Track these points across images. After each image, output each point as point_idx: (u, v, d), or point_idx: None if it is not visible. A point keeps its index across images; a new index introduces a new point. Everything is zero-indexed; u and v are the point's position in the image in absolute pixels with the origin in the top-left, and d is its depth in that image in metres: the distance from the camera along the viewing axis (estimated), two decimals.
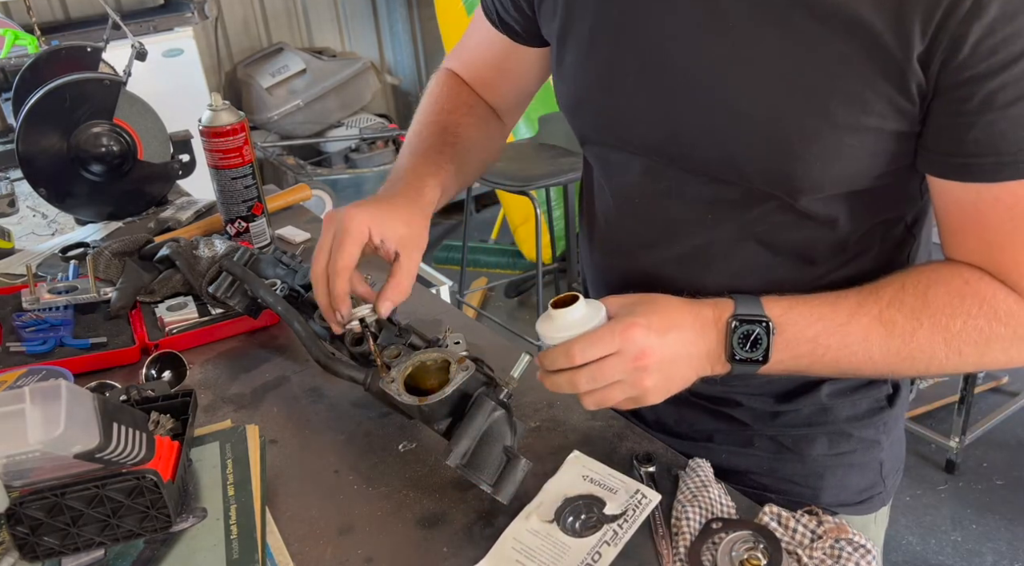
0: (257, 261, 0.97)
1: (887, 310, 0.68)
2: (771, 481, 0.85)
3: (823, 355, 0.68)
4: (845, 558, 0.63)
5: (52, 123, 1.28)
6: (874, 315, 0.68)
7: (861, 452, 0.85)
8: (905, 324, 0.67)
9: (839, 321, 0.68)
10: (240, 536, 0.71)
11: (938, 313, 0.67)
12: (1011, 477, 2.20)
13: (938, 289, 0.68)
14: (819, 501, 0.84)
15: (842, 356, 0.68)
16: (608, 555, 0.67)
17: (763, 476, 0.86)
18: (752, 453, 0.86)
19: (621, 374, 0.66)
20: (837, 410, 0.83)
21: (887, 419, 0.85)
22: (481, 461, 0.70)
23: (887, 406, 0.85)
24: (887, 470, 0.87)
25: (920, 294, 0.68)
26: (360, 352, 0.82)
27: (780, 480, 0.85)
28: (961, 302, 0.67)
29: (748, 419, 0.85)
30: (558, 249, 3.19)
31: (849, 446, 0.84)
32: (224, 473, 0.78)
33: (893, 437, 0.87)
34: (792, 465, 0.85)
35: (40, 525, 0.66)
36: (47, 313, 1.05)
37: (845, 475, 0.85)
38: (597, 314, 0.69)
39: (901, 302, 0.68)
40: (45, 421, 0.59)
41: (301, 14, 3.89)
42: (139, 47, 1.30)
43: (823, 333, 0.68)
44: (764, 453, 0.85)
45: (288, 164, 3.60)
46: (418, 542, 0.71)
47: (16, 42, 1.99)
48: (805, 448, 0.84)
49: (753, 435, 0.85)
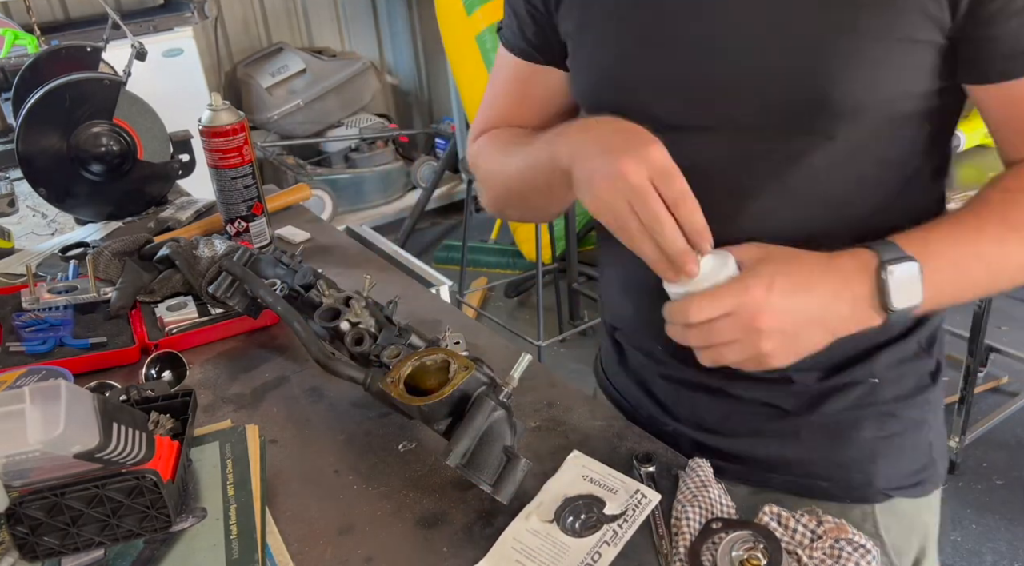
0: (257, 261, 0.97)
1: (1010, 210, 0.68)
2: (822, 470, 0.84)
3: (964, 275, 0.68)
4: (845, 558, 0.63)
5: (52, 123, 1.28)
6: (995, 222, 0.68)
7: (910, 433, 0.84)
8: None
9: (969, 239, 0.67)
10: (240, 536, 0.71)
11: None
12: (1011, 477, 2.20)
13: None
14: (873, 486, 0.83)
15: (980, 270, 0.68)
16: (608, 555, 0.67)
17: (813, 465, 0.84)
18: (800, 443, 0.84)
19: (736, 334, 0.64)
20: (883, 390, 0.82)
21: (931, 397, 0.84)
22: (481, 461, 0.70)
23: (931, 384, 0.84)
24: (936, 451, 0.86)
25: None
26: (360, 352, 0.82)
27: (831, 467, 0.84)
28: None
29: (791, 407, 0.83)
30: (558, 249, 3.19)
31: (898, 426, 0.83)
32: (224, 473, 0.78)
33: (939, 415, 0.86)
34: (842, 451, 0.83)
35: (40, 525, 0.66)
36: (47, 313, 1.05)
37: (897, 458, 0.84)
38: (723, 267, 0.66)
39: (1015, 201, 0.68)
40: (45, 421, 0.59)
41: (301, 14, 3.89)
42: (139, 47, 1.30)
43: (962, 258, 0.67)
44: (812, 442, 0.83)
45: (288, 164, 3.60)
46: (418, 542, 0.71)
47: (16, 42, 1.99)
48: (853, 432, 0.82)
49: (799, 425, 0.83)
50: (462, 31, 3.07)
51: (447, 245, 3.66)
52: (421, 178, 3.84)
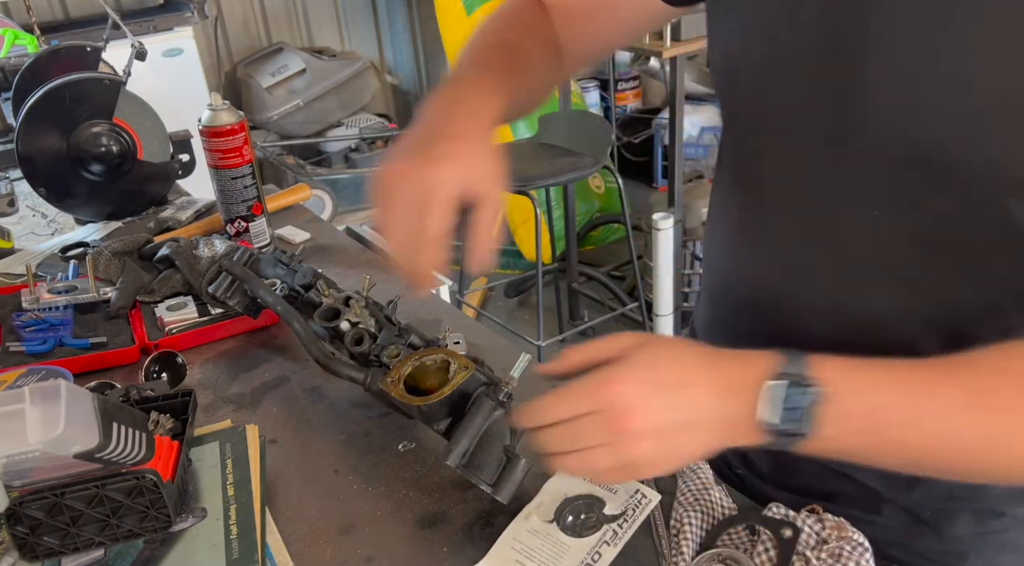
0: (257, 261, 0.97)
1: (984, 378, 0.53)
2: (902, 554, 0.72)
3: (885, 432, 0.54)
4: (846, 557, 0.63)
5: (52, 123, 1.28)
6: (964, 385, 0.53)
7: (1016, 531, 0.71)
8: (1009, 397, 0.52)
9: (912, 390, 0.53)
10: (240, 536, 0.71)
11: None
12: None
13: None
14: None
15: (911, 436, 0.53)
16: (608, 555, 0.67)
17: (892, 547, 0.71)
18: (881, 522, 0.73)
19: (602, 437, 0.55)
20: (988, 484, 0.69)
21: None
22: (481, 461, 0.70)
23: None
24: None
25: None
26: (360, 352, 0.82)
27: (913, 555, 0.72)
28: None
29: (879, 485, 0.72)
30: (558, 249, 3.19)
31: (1001, 525, 0.70)
32: (224, 473, 0.78)
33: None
34: (928, 542, 0.72)
35: (40, 525, 0.66)
36: (47, 313, 1.05)
37: (994, 557, 0.72)
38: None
39: (1005, 370, 0.53)
40: (45, 421, 0.59)
41: (301, 14, 3.89)
42: (139, 47, 1.30)
43: (889, 404, 0.53)
44: (895, 524, 0.72)
45: (288, 164, 3.60)
46: (418, 542, 0.71)
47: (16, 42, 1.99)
48: (945, 525, 0.71)
49: (883, 502, 0.72)
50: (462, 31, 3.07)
51: None
52: None
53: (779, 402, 0.53)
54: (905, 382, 0.54)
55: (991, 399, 0.52)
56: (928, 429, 0.52)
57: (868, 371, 0.54)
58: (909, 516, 0.72)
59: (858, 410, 0.53)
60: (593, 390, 0.56)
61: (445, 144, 0.65)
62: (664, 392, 0.55)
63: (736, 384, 0.55)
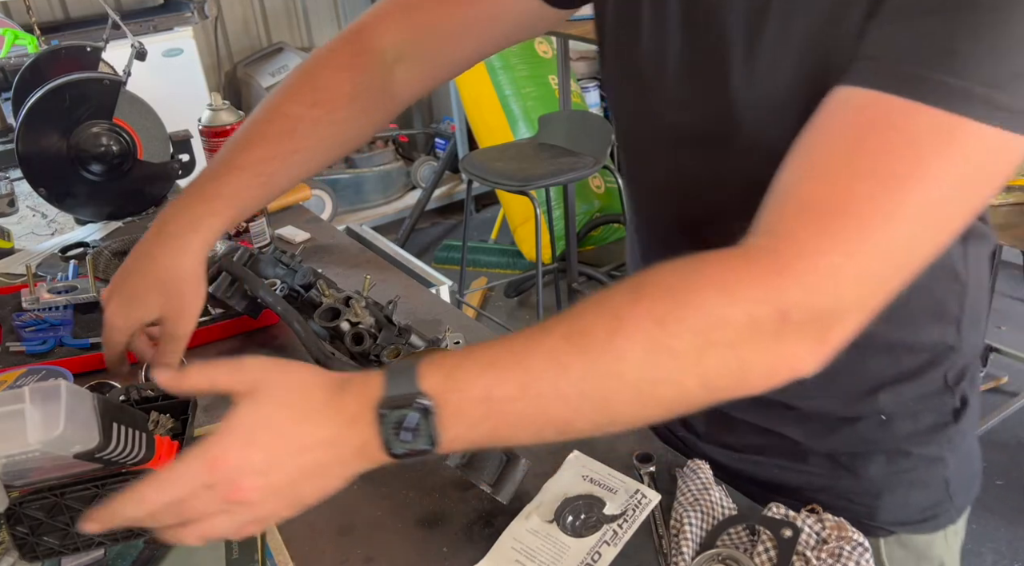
0: (257, 261, 0.97)
1: (580, 320, 0.52)
2: (826, 498, 0.77)
3: (505, 411, 0.52)
4: (846, 557, 0.63)
5: (52, 123, 1.28)
6: (562, 331, 0.52)
7: (923, 470, 0.78)
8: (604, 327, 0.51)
9: (515, 358, 0.52)
10: None
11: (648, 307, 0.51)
12: (1011, 477, 2.20)
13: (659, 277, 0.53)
14: (876, 519, 0.79)
15: (530, 407, 0.51)
16: (608, 555, 0.67)
17: (817, 493, 0.79)
18: (806, 470, 0.79)
19: (219, 506, 0.53)
20: (896, 427, 0.76)
21: (952, 435, 0.78)
22: (481, 461, 0.70)
23: (952, 421, 0.77)
24: (954, 487, 0.80)
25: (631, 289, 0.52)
26: (360, 352, 0.82)
27: (835, 497, 0.79)
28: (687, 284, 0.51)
29: (800, 436, 0.78)
30: (558, 249, 3.19)
31: (909, 464, 0.78)
32: None
33: (961, 452, 0.79)
34: (848, 483, 0.79)
35: (40, 525, 0.66)
36: (47, 313, 1.05)
37: (906, 494, 0.79)
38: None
39: (600, 305, 0.52)
40: (45, 421, 0.59)
41: (301, 14, 3.89)
42: (139, 47, 1.30)
43: (496, 382, 0.51)
44: (818, 470, 0.79)
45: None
46: (418, 542, 0.71)
47: (16, 42, 1.99)
48: (861, 467, 0.78)
49: (807, 452, 0.79)
50: None
51: (447, 245, 3.66)
52: (421, 178, 3.84)
53: (392, 427, 0.52)
54: (509, 354, 0.53)
55: (588, 339, 0.51)
56: (536, 391, 0.51)
57: (475, 360, 0.53)
58: (830, 461, 0.78)
59: (469, 404, 0.52)
60: (199, 469, 0.52)
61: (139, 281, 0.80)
62: (271, 450, 0.52)
63: (355, 414, 0.53)
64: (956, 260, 0.72)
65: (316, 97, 0.79)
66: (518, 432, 0.53)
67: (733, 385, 0.52)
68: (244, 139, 0.80)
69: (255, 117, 0.81)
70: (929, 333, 0.74)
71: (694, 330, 0.50)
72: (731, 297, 0.50)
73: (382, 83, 0.82)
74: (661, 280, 0.52)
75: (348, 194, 3.72)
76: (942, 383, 0.76)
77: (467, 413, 0.52)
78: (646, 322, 0.50)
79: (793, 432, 0.78)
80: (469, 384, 0.52)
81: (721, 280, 0.51)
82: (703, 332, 0.50)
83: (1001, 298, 2.90)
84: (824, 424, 0.77)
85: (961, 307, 0.74)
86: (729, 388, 0.53)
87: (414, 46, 0.82)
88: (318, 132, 0.79)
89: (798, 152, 0.53)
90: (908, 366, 0.75)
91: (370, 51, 0.81)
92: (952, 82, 0.48)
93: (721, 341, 0.50)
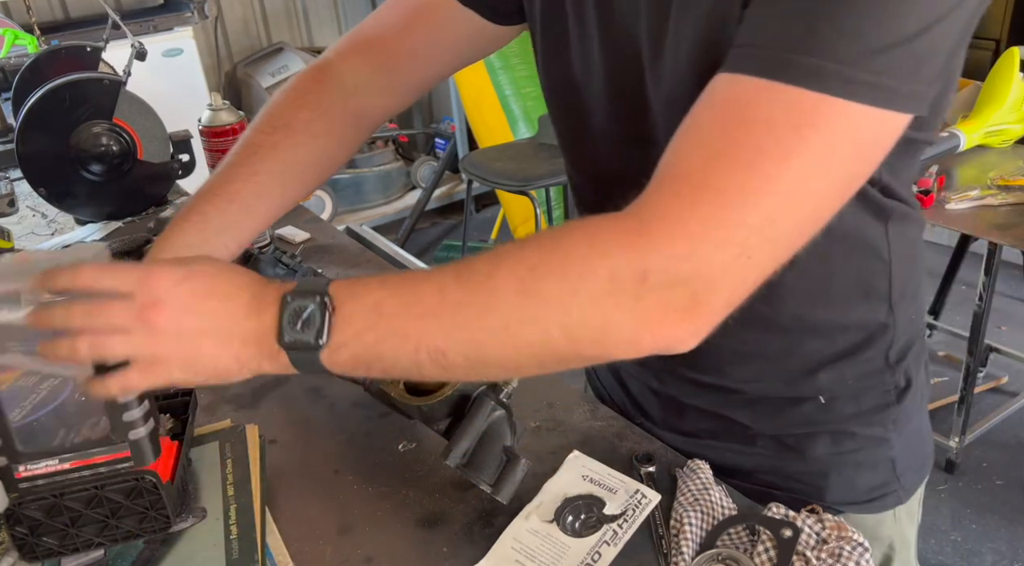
0: (257, 261, 0.97)
1: (473, 261, 0.56)
2: (775, 479, 0.83)
3: (389, 325, 0.55)
4: (845, 557, 0.63)
5: (52, 123, 1.28)
6: (453, 268, 0.56)
7: (867, 450, 0.81)
8: (486, 268, 0.55)
9: (409, 282, 0.57)
10: (240, 536, 0.71)
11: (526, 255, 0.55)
12: (1011, 477, 2.20)
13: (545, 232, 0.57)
14: (823, 499, 0.82)
15: (411, 325, 0.55)
16: (608, 555, 0.67)
17: (767, 475, 0.84)
18: (755, 452, 0.83)
19: (125, 322, 0.55)
20: (839, 408, 0.79)
21: (896, 416, 0.81)
22: (481, 461, 0.70)
23: (895, 402, 0.80)
24: (901, 467, 0.83)
25: (521, 241, 0.57)
26: None
27: (784, 479, 0.83)
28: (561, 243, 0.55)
29: (747, 420, 0.83)
30: None
31: (854, 445, 0.81)
32: (224, 473, 0.78)
33: (907, 433, 0.82)
34: (795, 464, 0.82)
35: (39, 525, 0.66)
36: None
37: (853, 474, 0.82)
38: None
39: (492, 251, 0.57)
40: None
41: (301, 14, 3.90)
42: (139, 47, 1.30)
43: (387, 296, 0.56)
44: (767, 452, 0.82)
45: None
46: (418, 542, 0.71)
47: (16, 42, 2.00)
48: (807, 448, 0.81)
49: (755, 434, 0.84)
50: None
51: (447, 245, 3.66)
52: (421, 178, 3.84)
53: (290, 315, 0.56)
54: (406, 279, 0.58)
55: (471, 274, 0.55)
56: (417, 311, 0.55)
57: (378, 280, 0.58)
58: (777, 443, 0.81)
59: (360, 312, 0.56)
60: (132, 272, 0.56)
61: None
62: (200, 297, 0.57)
63: (264, 302, 0.57)
64: (876, 239, 0.73)
65: (274, 124, 0.84)
66: (397, 352, 0.56)
67: (596, 341, 0.54)
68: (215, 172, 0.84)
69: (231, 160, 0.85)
70: (859, 312, 0.76)
71: (560, 276, 0.53)
72: (596, 250, 0.53)
73: (344, 108, 0.87)
74: (545, 234, 0.57)
75: (348, 194, 3.72)
76: (883, 362, 0.78)
77: (357, 319, 0.56)
78: (520, 267, 0.54)
79: (741, 416, 0.81)
80: (365, 295, 0.57)
81: (591, 237, 0.54)
82: (568, 280, 0.53)
83: (1001, 298, 2.90)
84: (769, 407, 0.80)
85: (889, 285, 0.76)
86: (592, 343, 0.54)
87: (372, 74, 0.87)
88: (277, 155, 0.83)
89: (677, 135, 0.56)
90: (843, 345, 0.77)
91: (328, 80, 0.87)
92: (808, 61, 0.50)
93: (585, 292, 0.53)
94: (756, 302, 0.67)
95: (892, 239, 0.74)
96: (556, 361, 0.56)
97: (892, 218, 0.73)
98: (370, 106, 0.89)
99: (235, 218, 0.81)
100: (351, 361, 0.57)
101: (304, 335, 0.55)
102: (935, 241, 3.23)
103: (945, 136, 1.96)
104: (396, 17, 0.86)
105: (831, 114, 0.51)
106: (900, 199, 0.73)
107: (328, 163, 0.89)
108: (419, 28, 0.85)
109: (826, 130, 0.51)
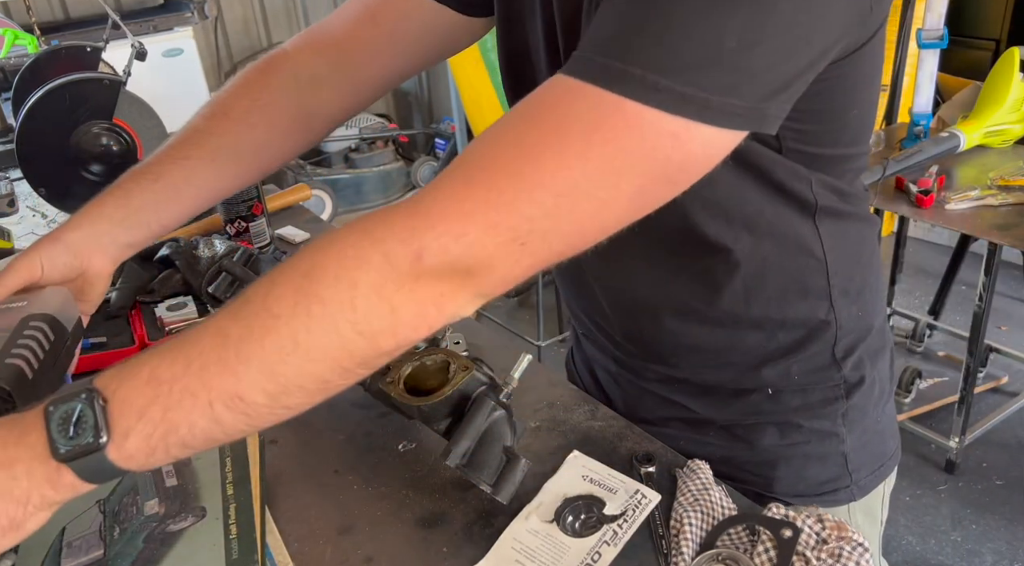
0: (257, 261, 0.97)
1: (246, 293, 0.54)
2: (728, 469, 0.81)
3: (172, 391, 0.51)
4: (845, 557, 0.63)
5: (52, 123, 1.28)
6: (229, 308, 0.53)
7: (816, 444, 0.82)
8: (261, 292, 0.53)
9: (185, 340, 0.53)
10: (239, 536, 0.71)
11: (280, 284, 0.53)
12: (1011, 477, 2.20)
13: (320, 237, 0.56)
14: (772, 490, 0.82)
15: (195, 381, 0.51)
16: (608, 555, 0.67)
17: (720, 464, 0.80)
18: (708, 442, 0.84)
19: None
20: (785, 400, 0.80)
21: (845, 411, 0.81)
22: (481, 461, 0.70)
23: (843, 397, 0.81)
24: (854, 463, 0.83)
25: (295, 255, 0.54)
26: None
27: (735, 469, 0.83)
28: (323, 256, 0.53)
29: (698, 408, 0.84)
30: None
31: (801, 437, 0.81)
32: (223, 472, 0.78)
33: (860, 429, 0.83)
34: (745, 454, 0.83)
35: None
36: None
37: (801, 466, 0.82)
38: None
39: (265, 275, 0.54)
40: None
41: (301, 14, 3.90)
42: (139, 47, 1.30)
43: (162, 363, 0.52)
44: (718, 442, 0.84)
45: (288, 164, 3.60)
46: (418, 542, 0.71)
47: (16, 42, 2.00)
48: (755, 438, 0.82)
49: (707, 424, 0.84)
50: None
51: None
52: (421, 178, 3.85)
53: (59, 424, 0.50)
54: (181, 339, 0.53)
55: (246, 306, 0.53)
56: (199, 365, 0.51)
57: (147, 352, 0.54)
58: (728, 433, 0.83)
59: (135, 390, 0.52)
60: None
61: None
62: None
63: (23, 425, 0.52)
64: (807, 237, 0.73)
65: (214, 111, 0.84)
66: (191, 415, 0.51)
67: (388, 330, 0.53)
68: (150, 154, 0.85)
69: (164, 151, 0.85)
70: (797, 309, 0.76)
71: (336, 274, 0.51)
72: (370, 238, 0.52)
73: (292, 102, 0.85)
74: (322, 237, 0.55)
75: (348, 194, 3.72)
76: (829, 358, 0.79)
77: (135, 398, 0.51)
78: (294, 276, 0.52)
79: (692, 404, 0.83)
80: (136, 372, 0.52)
81: (366, 229, 0.53)
82: (346, 275, 0.51)
83: (1001, 298, 2.90)
84: (717, 396, 0.82)
85: (827, 283, 0.76)
86: (385, 333, 0.53)
87: (327, 69, 0.85)
88: (210, 141, 0.82)
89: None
90: (785, 342, 0.78)
91: (277, 73, 0.85)
92: (615, 65, 0.50)
93: (364, 283, 0.51)
94: (689, 298, 0.69)
95: (825, 237, 0.74)
96: (358, 363, 0.54)
97: (823, 216, 0.73)
98: (324, 102, 0.87)
99: (158, 197, 0.81)
100: (145, 447, 0.51)
101: (80, 438, 0.50)
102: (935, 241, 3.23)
103: (945, 136, 1.97)
104: (356, 10, 0.85)
105: (630, 119, 0.49)
106: (835, 197, 0.73)
107: (268, 154, 0.87)
108: (380, 20, 0.84)
109: (622, 134, 0.50)
